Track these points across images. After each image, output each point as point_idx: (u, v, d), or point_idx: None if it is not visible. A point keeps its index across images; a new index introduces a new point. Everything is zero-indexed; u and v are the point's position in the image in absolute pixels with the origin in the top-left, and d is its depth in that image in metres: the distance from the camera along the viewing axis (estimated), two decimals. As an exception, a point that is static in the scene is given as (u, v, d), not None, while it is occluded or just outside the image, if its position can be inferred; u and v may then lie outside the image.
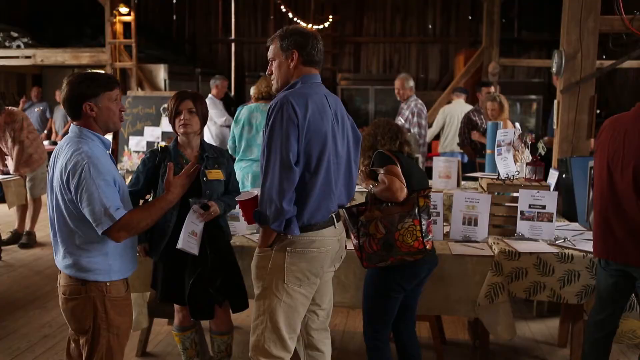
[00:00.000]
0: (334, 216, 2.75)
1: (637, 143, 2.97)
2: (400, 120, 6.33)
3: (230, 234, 3.56)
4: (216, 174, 3.32)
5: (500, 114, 6.26)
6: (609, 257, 3.12)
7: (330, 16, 13.87)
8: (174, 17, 15.09)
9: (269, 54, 2.77)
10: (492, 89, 6.54)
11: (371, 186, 3.09)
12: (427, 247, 3.04)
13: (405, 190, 3.01)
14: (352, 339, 4.31)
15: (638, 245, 2.98)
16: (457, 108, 8.09)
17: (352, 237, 3.08)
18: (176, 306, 3.44)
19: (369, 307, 3.19)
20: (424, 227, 3.02)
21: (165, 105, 8.04)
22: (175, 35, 15.19)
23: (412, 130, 6.25)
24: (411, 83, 6.51)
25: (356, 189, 5.00)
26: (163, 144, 5.98)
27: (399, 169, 3.08)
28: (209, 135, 7.75)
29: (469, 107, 7.71)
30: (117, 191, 2.49)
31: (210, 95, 8.10)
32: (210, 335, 3.50)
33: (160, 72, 10.81)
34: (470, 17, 14.10)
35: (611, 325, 3.25)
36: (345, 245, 2.96)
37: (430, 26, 14.48)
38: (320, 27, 13.47)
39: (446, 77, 13.88)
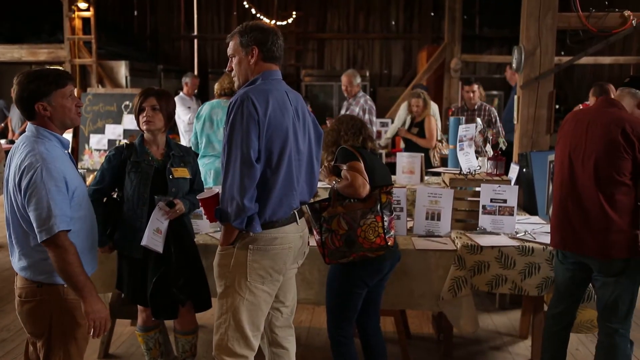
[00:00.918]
0: (296, 213, 2.75)
1: (599, 136, 3.03)
2: None
3: (194, 233, 3.53)
4: (182, 172, 3.29)
5: (424, 110, 6.36)
6: (565, 248, 3.19)
7: (294, 12, 13.84)
8: (135, 12, 14.84)
9: (229, 51, 2.75)
10: (475, 86, 6.58)
11: (334, 182, 3.09)
12: (389, 243, 3.05)
13: (367, 186, 3.01)
14: (318, 335, 4.31)
15: (595, 237, 3.05)
16: None
17: (315, 233, 3.08)
18: (139, 306, 3.39)
19: (332, 303, 3.19)
20: (386, 224, 3.03)
21: (128, 103, 7.97)
22: (136, 31, 14.95)
23: None
24: (358, 79, 6.57)
25: (319, 185, 5.02)
26: (125, 141, 5.89)
27: (362, 165, 3.08)
28: (180, 132, 7.71)
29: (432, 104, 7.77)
30: (71, 197, 2.44)
31: (180, 93, 8.07)
32: (174, 335, 3.46)
33: (121, 69, 10.62)
34: (432, 14, 14.23)
35: (569, 317, 3.33)
36: (308, 242, 2.95)
37: (393, 23, 14.57)
38: (284, 23, 13.44)
39: (409, 73, 13.98)
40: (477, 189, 3.93)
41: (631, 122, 3.00)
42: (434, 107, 8.03)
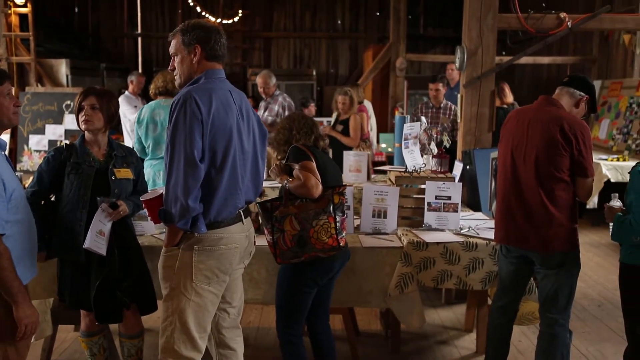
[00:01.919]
0: (241, 212, 2.72)
1: (539, 134, 3.12)
2: (269, 117, 6.37)
3: (135, 234, 3.46)
4: (125, 173, 3.23)
5: (351, 108, 6.42)
6: (509, 243, 3.27)
7: (240, 11, 13.74)
8: (76, 9, 14.44)
9: (171, 49, 2.71)
10: (439, 85, 6.62)
11: (286, 181, 3.07)
12: (341, 244, 3.07)
13: (320, 186, 3.01)
14: (267, 335, 4.29)
15: (537, 231, 3.13)
16: None
17: (266, 233, 3.06)
18: (82, 311, 3.30)
19: (282, 302, 3.18)
20: (338, 224, 3.05)
21: (69, 102, 7.74)
22: (77, 28, 14.54)
23: None
24: (274, 80, 6.63)
25: (267, 184, 4.99)
26: (66, 142, 5.72)
27: (314, 164, 3.08)
28: (125, 132, 7.53)
29: (366, 102, 7.95)
30: (8, 199, 2.35)
31: (126, 92, 7.89)
32: (119, 340, 3.38)
33: (62, 67, 10.31)
34: (378, 14, 14.36)
35: (512, 310, 3.41)
36: (255, 241, 2.94)
37: (339, 22, 14.64)
38: (230, 21, 13.32)
39: (356, 72, 14.08)
40: (422, 186, 3.99)
41: (569, 120, 3.10)
42: (367, 105, 8.18)
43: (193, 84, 2.65)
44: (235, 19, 13.57)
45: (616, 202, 3.16)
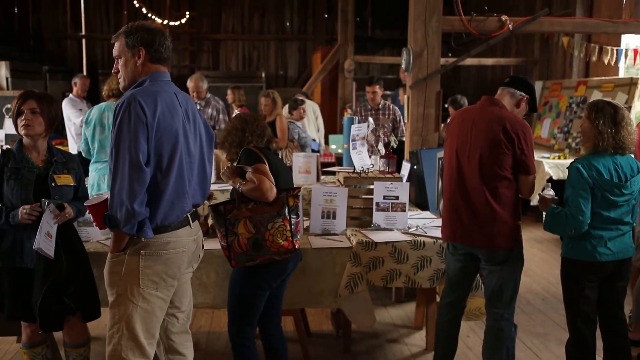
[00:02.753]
0: (189, 216, 2.70)
1: (482, 134, 3.19)
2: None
3: (81, 240, 3.38)
4: (65, 179, 3.15)
5: (274, 110, 6.47)
6: (455, 240, 3.34)
7: (187, 12, 13.59)
8: (16, 10, 13.98)
9: (115, 52, 2.66)
10: (376, 87, 6.67)
11: (239, 184, 3.04)
12: (296, 246, 3.08)
13: (274, 189, 3.00)
14: (218, 340, 4.26)
15: (482, 228, 3.21)
16: None
17: (219, 236, 3.03)
18: (23, 322, 3.20)
19: (234, 305, 3.15)
20: (293, 227, 3.05)
21: (9, 106, 7.49)
22: (17, 29, 14.09)
23: (217, 127, 6.39)
24: (206, 83, 6.65)
25: (216, 187, 4.95)
26: (6, 147, 5.54)
27: (268, 167, 3.06)
28: (70, 137, 7.33)
29: (311, 103, 8.01)
30: None
31: (70, 95, 7.68)
32: (64, 349, 3.30)
33: (1, 70, 10.00)
34: (326, 16, 14.43)
35: (460, 307, 3.48)
36: (203, 245, 2.91)
37: (288, 24, 14.64)
38: (177, 23, 13.16)
39: (305, 74, 14.11)
40: (371, 186, 4.03)
41: (511, 120, 3.19)
42: (313, 106, 8.27)
43: (137, 86, 2.61)
44: (183, 21, 13.42)
45: (549, 192, 3.28)
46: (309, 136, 6.93)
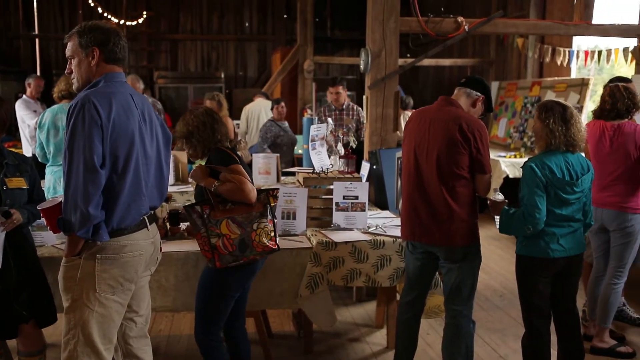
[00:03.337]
0: (146, 218, 2.66)
1: (439, 133, 3.23)
2: None
3: (35, 245, 3.29)
4: (18, 182, 3.07)
5: (219, 112, 6.49)
6: (414, 239, 3.37)
7: (144, 12, 13.40)
8: (-35, 9, 13.58)
9: (68, 52, 2.61)
10: (339, 87, 6.66)
11: (214, 185, 2.99)
12: (278, 246, 3.11)
13: (255, 190, 3.00)
14: (178, 343, 4.21)
15: (440, 227, 3.25)
16: (258, 106, 8.55)
17: (199, 237, 2.99)
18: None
19: (204, 307, 3.12)
20: (276, 227, 3.11)
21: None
22: (-34, 29, 13.68)
23: None
24: (142, 83, 6.64)
25: (177, 189, 4.89)
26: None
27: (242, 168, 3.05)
28: (24, 139, 7.14)
29: (269, 103, 8.02)
30: None
31: (24, 96, 7.48)
32: (18, 358, 3.21)
33: (-50, 71, 9.70)
34: (285, 16, 14.42)
35: (419, 304, 3.52)
36: (161, 248, 2.87)
37: (247, 24, 14.58)
38: (134, 23, 12.97)
39: (265, 75, 14.07)
40: (330, 187, 4.05)
41: (467, 119, 3.24)
42: (264, 105, 8.29)
43: (92, 87, 2.56)
44: (140, 21, 13.22)
45: (498, 196, 3.36)
46: (288, 135, 6.92)
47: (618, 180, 3.93)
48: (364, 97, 5.31)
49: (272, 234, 3.08)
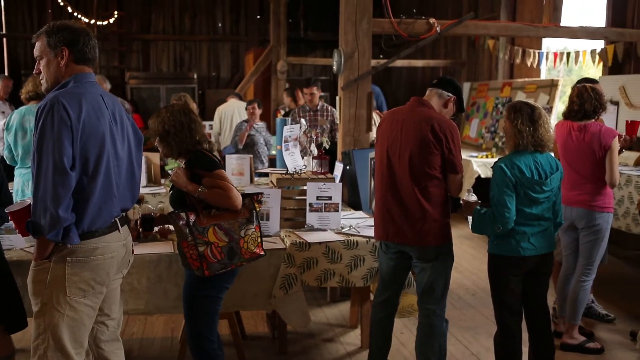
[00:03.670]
0: (117, 220, 2.63)
1: (412, 133, 3.25)
2: None
3: (2, 249, 3.24)
4: None
5: None
6: (388, 239, 3.39)
7: (115, 12, 13.25)
8: None
9: (36, 52, 2.57)
10: (314, 88, 6.66)
11: (199, 190, 2.90)
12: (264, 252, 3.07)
13: (240, 196, 2.95)
14: (151, 346, 4.17)
15: (413, 227, 3.27)
16: (231, 107, 8.55)
17: (185, 245, 2.88)
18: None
19: (197, 317, 3.03)
20: (261, 233, 3.05)
21: None
22: None
23: None
24: (109, 84, 6.55)
25: (150, 191, 4.85)
26: None
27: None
28: None
29: (243, 104, 8.02)
30: None
31: None
32: (-14, 363, 3.16)
33: None
34: (258, 17, 14.38)
35: (393, 304, 3.54)
36: (133, 250, 2.84)
37: (220, 25, 14.50)
38: (105, 23, 12.81)
39: (238, 75, 14.02)
40: (304, 187, 4.05)
41: (439, 120, 3.26)
42: (237, 105, 8.30)
43: (61, 88, 2.53)
44: (111, 21, 13.07)
45: (472, 197, 3.41)
46: (260, 136, 6.91)
47: (586, 179, 4.01)
48: (337, 97, 5.32)
49: (259, 240, 3.03)
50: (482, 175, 6.92)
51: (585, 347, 4.10)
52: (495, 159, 3.80)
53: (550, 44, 8.30)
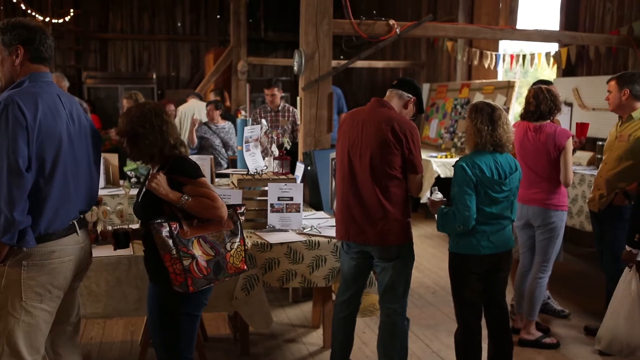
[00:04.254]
0: (75, 223, 2.58)
1: (372, 134, 3.28)
2: None
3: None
4: None
5: None
6: (349, 239, 3.41)
7: (72, 10, 12.96)
8: None
9: None
10: (275, 89, 6.62)
11: (183, 199, 2.63)
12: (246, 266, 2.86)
13: (226, 206, 2.74)
14: (110, 351, 4.10)
15: (374, 226, 3.30)
16: (191, 107, 8.47)
17: (168, 259, 2.58)
18: None
19: (175, 337, 2.76)
20: (245, 247, 2.85)
21: None
22: None
23: None
24: (67, 82, 6.45)
25: (108, 192, 4.76)
26: None
27: None
28: None
29: (203, 104, 7.96)
30: None
31: None
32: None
33: None
34: (218, 17, 14.28)
35: (355, 303, 3.56)
36: (91, 253, 2.79)
37: (179, 24, 14.35)
38: (60, 21, 12.53)
39: (197, 76, 13.88)
40: (265, 188, 4.04)
41: (399, 120, 3.30)
42: (197, 106, 8.26)
43: (15, 87, 2.47)
44: (67, 19, 12.79)
45: (437, 195, 3.45)
46: (217, 137, 6.85)
47: (542, 178, 4.11)
48: (298, 98, 5.32)
49: (243, 254, 2.81)
50: (442, 175, 7.02)
51: (542, 343, 4.20)
52: (455, 159, 3.86)
53: (506, 47, 8.47)
